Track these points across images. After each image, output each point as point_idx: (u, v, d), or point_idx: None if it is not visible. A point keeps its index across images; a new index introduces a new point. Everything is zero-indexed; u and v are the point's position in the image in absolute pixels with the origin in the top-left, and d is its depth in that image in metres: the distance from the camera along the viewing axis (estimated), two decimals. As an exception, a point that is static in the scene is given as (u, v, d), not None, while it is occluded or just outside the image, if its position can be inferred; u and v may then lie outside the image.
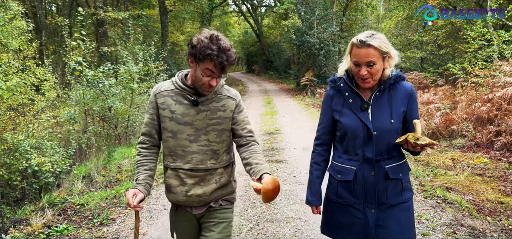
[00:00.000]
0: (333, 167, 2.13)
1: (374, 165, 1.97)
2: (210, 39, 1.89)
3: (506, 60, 9.80)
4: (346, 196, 2.04)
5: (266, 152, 7.31)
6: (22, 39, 5.11)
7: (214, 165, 2.09)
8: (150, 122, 2.12)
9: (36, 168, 4.78)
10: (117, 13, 12.44)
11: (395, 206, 2.00)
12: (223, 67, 1.90)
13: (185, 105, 2.03)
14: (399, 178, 2.00)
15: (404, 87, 2.02)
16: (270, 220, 4.05)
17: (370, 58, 1.88)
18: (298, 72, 22.95)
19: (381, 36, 1.93)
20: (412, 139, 1.82)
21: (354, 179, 2.00)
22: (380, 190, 1.98)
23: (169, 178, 2.10)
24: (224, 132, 2.10)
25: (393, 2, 22.64)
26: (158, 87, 2.12)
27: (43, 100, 5.88)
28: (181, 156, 2.05)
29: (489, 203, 4.75)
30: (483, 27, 12.05)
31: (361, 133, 1.97)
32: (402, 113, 2.00)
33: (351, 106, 2.01)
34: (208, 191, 2.08)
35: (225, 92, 2.12)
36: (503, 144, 7.25)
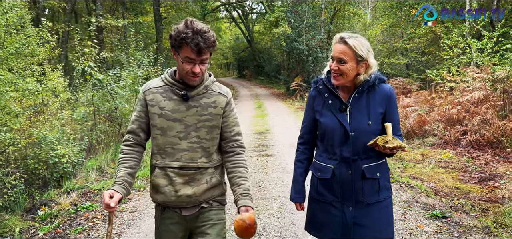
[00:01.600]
0: (314, 165, 2.20)
1: (351, 164, 2.02)
2: (185, 24, 1.86)
3: (477, 67, 10.74)
4: (325, 194, 2.11)
5: (257, 148, 8.12)
6: (46, 47, 5.84)
7: (205, 164, 2.04)
8: (136, 119, 2.07)
9: (56, 159, 5.50)
10: (116, 21, 13.15)
11: (372, 204, 2.05)
12: (200, 50, 1.84)
13: (174, 100, 1.99)
14: (376, 178, 2.05)
15: (383, 89, 2.06)
16: (261, 198, 4.89)
17: (342, 55, 1.95)
18: (288, 77, 23.78)
19: (363, 40, 1.99)
20: (381, 142, 1.89)
21: (332, 178, 2.07)
22: (357, 188, 2.03)
23: (157, 177, 2.02)
24: (215, 129, 2.06)
25: (379, 11, 23.67)
26: (147, 84, 2.08)
27: (57, 101, 6.60)
28: (170, 154, 2.00)
29: (446, 188, 5.58)
30: (460, 36, 13.00)
31: (339, 133, 2.02)
32: (381, 115, 2.05)
33: (330, 107, 2.07)
34: (198, 191, 2.03)
35: (216, 88, 2.09)
36: (468, 142, 8.14)
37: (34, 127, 5.78)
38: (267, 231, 3.91)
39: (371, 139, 1.96)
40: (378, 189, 2.05)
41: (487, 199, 5.09)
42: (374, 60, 2.01)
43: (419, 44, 19.98)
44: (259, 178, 5.84)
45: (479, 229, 3.96)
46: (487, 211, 4.57)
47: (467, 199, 5.05)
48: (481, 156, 7.44)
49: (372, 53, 2.01)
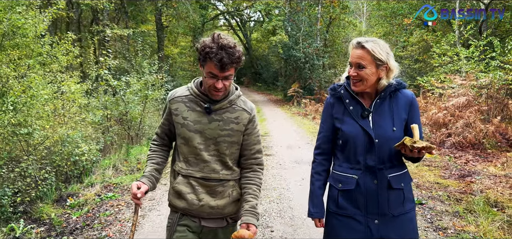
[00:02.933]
0: (333, 176, 2.09)
1: (377, 173, 1.94)
2: (212, 38, 1.85)
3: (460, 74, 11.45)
4: (347, 207, 1.99)
5: (257, 149, 8.78)
6: (70, 56, 6.50)
7: (227, 176, 2.05)
8: (162, 125, 2.14)
9: (77, 157, 6.12)
10: (121, 30, 13.82)
11: (398, 217, 1.96)
12: (222, 66, 1.82)
13: (197, 112, 2.00)
14: (401, 188, 1.97)
15: (405, 94, 2.01)
16: (263, 189, 5.54)
17: (360, 60, 1.89)
18: (285, 84, 24.43)
19: (381, 43, 1.93)
20: (408, 142, 1.80)
21: (356, 188, 1.96)
22: (382, 200, 1.93)
23: (180, 184, 2.03)
24: (234, 144, 2.05)
25: (374, 19, 24.47)
26: (173, 93, 2.10)
27: (75, 105, 7.23)
28: (193, 164, 2.01)
29: (428, 183, 6.24)
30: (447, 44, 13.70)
31: (362, 141, 1.95)
32: (404, 121, 1.98)
33: (352, 114, 1.99)
34: (221, 204, 2.04)
35: (240, 104, 2.07)
36: (452, 143, 8.82)
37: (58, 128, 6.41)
38: (268, 213, 4.61)
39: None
40: (403, 200, 1.97)
41: (462, 191, 5.75)
42: (395, 62, 1.95)
43: (412, 52, 20.73)
44: (260, 174, 6.47)
45: (450, 214, 4.63)
46: (460, 201, 5.22)
47: (445, 191, 5.71)
48: (463, 156, 8.12)
49: (392, 55, 1.95)
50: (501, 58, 10.27)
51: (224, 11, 35.74)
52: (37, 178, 5.02)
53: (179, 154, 2.06)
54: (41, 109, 5.22)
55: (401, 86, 2.00)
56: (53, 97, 6.18)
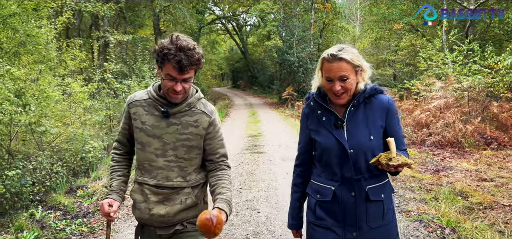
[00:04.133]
0: (312, 186, 2.04)
1: (354, 185, 1.87)
2: (171, 40, 1.81)
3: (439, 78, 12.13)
4: (325, 218, 1.94)
5: (250, 147, 9.43)
6: (77, 60, 7.11)
7: (181, 184, 1.99)
8: (122, 130, 2.09)
9: (84, 154, 6.70)
10: (121, 36, 14.41)
11: (376, 229, 1.89)
12: (181, 67, 1.77)
13: (155, 116, 1.95)
14: (381, 199, 1.90)
15: (380, 100, 1.93)
16: (253, 181, 6.23)
17: (342, 73, 1.81)
18: (280, 87, 24.98)
19: (352, 49, 1.88)
20: (384, 160, 1.72)
21: (333, 200, 1.91)
22: (360, 212, 1.87)
23: (135, 192, 2.02)
24: (194, 149, 2.00)
25: (367, 24, 25.17)
26: (132, 96, 2.04)
27: (80, 107, 7.81)
28: (148, 171, 1.97)
29: (404, 176, 6.85)
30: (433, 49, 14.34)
31: (337, 152, 1.88)
32: (381, 128, 1.91)
33: (325, 124, 1.93)
34: (171, 212, 1.98)
35: (200, 107, 2.02)
36: (432, 142, 9.45)
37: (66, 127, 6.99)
38: (256, 199, 5.25)
39: (373, 155, 1.84)
40: (383, 212, 1.90)
41: (434, 183, 6.37)
42: (366, 62, 1.92)
43: (402, 56, 21.41)
44: (251, 168, 7.14)
45: (416, 200, 5.25)
46: (430, 191, 5.84)
47: (418, 183, 6.33)
48: (441, 153, 8.76)
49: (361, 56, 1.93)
50: (482, 62, 10.92)
51: (220, 16, 36.34)
52: (50, 171, 5.61)
53: (136, 161, 2.04)
54: (54, 109, 5.79)
55: (376, 92, 1.93)
56: (61, 99, 6.77)
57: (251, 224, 4.45)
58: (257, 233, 4.17)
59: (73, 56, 7.03)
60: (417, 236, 4.04)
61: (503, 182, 6.27)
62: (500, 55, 10.22)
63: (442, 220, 4.42)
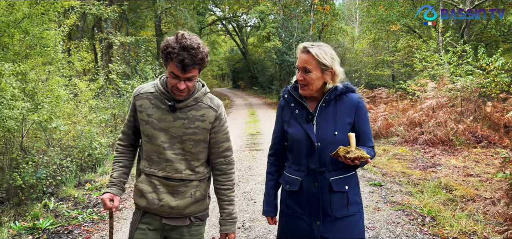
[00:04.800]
0: (284, 177, 2.16)
1: (318, 176, 1.98)
2: (176, 38, 1.81)
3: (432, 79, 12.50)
4: (294, 207, 2.06)
5: (249, 145, 9.83)
6: (84, 62, 7.50)
7: (190, 176, 2.03)
8: (128, 122, 2.11)
9: (91, 151, 7.08)
10: (124, 37, 14.80)
11: (341, 219, 2.00)
12: (184, 66, 1.79)
13: (162, 110, 1.97)
14: (345, 191, 2.00)
15: (351, 98, 2.03)
16: (251, 175, 6.64)
17: (305, 65, 1.93)
18: (280, 87, 25.35)
19: (326, 49, 1.97)
20: (342, 152, 1.84)
21: (300, 190, 2.03)
22: (324, 202, 1.98)
23: (142, 183, 2.03)
24: (201, 143, 2.03)
25: (365, 25, 25.55)
26: (139, 88, 2.06)
27: (87, 105, 8.19)
28: (156, 162, 2.00)
29: (394, 172, 7.22)
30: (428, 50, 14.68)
31: (305, 144, 1.99)
32: (349, 125, 2.00)
33: (297, 117, 2.04)
34: (181, 205, 2.02)
35: (207, 101, 2.05)
36: (424, 140, 9.82)
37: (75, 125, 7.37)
38: (253, 190, 5.67)
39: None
40: (347, 203, 2.01)
41: (422, 178, 6.74)
42: (340, 67, 2.00)
43: (400, 57, 21.75)
44: (249, 164, 7.55)
45: (403, 193, 5.62)
46: (417, 185, 6.21)
47: (407, 178, 6.70)
48: (432, 151, 9.12)
49: (338, 61, 2.01)
50: (474, 63, 11.27)
51: (221, 17, 36.70)
52: (60, 166, 5.98)
53: (143, 152, 2.05)
54: (64, 107, 6.17)
55: (348, 90, 2.04)
56: (69, 98, 7.15)
57: (248, 212, 4.85)
58: (253, 220, 4.57)
59: (80, 58, 7.41)
60: (398, 222, 4.42)
61: (487, 177, 6.62)
62: (495, 55, 10.56)
63: (424, 209, 4.79)
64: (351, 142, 1.85)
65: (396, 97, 16.55)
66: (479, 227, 4.17)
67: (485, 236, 4.02)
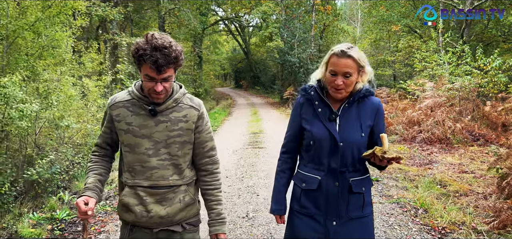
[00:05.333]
0: (298, 175, 2.14)
1: (338, 176, 1.98)
2: (146, 39, 1.75)
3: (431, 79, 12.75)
4: (309, 206, 2.05)
5: (252, 143, 10.13)
6: (95, 63, 7.82)
7: (177, 182, 1.97)
8: (103, 134, 2.02)
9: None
10: (129, 38, 15.11)
11: (355, 220, 2.02)
12: (158, 67, 1.73)
13: (142, 115, 1.90)
14: (362, 192, 2.02)
15: (372, 101, 2.06)
16: (254, 170, 6.94)
17: (347, 69, 1.91)
18: (282, 87, 25.49)
19: (358, 49, 1.99)
20: (379, 153, 1.84)
21: (318, 189, 2.01)
22: (342, 202, 1.99)
23: (126, 196, 1.94)
24: (186, 144, 1.98)
25: (366, 25, 25.82)
26: (113, 98, 1.98)
27: (95, 105, 8.50)
28: (139, 172, 1.91)
29: (392, 169, 7.47)
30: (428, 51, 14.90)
31: (328, 143, 1.98)
32: (369, 127, 2.03)
33: (320, 116, 2.02)
34: (172, 212, 1.96)
35: (187, 101, 2.00)
36: (422, 139, 10.08)
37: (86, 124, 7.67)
38: (256, 185, 5.98)
39: (359, 151, 1.97)
40: (363, 204, 2.03)
41: (418, 175, 7.01)
42: (370, 67, 2.03)
43: (400, 57, 22.00)
44: (252, 161, 7.85)
45: (398, 187, 5.90)
46: (413, 181, 6.48)
47: (403, 174, 6.98)
48: (430, 149, 9.39)
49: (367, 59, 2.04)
50: (473, 63, 11.52)
51: (223, 18, 36.98)
52: (72, 162, 6.29)
53: (124, 164, 1.97)
54: (76, 106, 6.48)
55: (369, 93, 2.05)
56: (79, 97, 7.46)
57: (251, 204, 5.17)
58: (256, 211, 4.89)
59: (91, 59, 7.72)
60: (392, 213, 4.70)
61: (481, 174, 6.88)
62: (493, 56, 10.79)
63: (417, 202, 5.07)
64: (383, 143, 1.87)
65: (397, 96, 16.79)
66: (468, 218, 4.44)
67: (474, 226, 4.30)
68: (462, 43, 13.55)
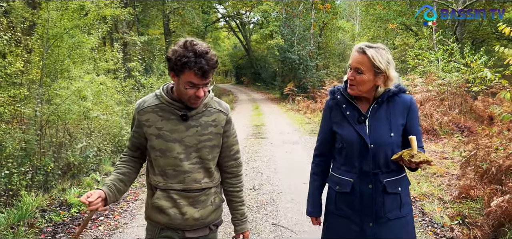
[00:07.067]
0: (332, 178, 2.14)
1: (371, 178, 1.96)
2: (184, 46, 1.77)
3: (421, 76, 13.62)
4: (344, 208, 2.05)
5: (254, 134, 11.13)
6: (114, 61, 8.74)
7: (208, 184, 2.01)
8: (133, 137, 2.04)
9: (121, 137, 8.27)
10: (138, 37, 16.02)
11: (393, 220, 1.99)
12: (204, 73, 1.76)
13: (172, 120, 1.91)
14: (398, 192, 1.99)
15: (403, 99, 2.02)
16: (257, 156, 7.91)
17: (359, 65, 1.90)
18: (282, 83, 26.03)
19: (383, 52, 1.93)
20: (406, 156, 1.81)
21: (352, 192, 2.00)
22: (377, 204, 1.97)
23: (160, 199, 1.95)
24: (215, 148, 2.02)
25: (365, 23, 26.62)
26: (140, 102, 1.99)
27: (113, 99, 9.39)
28: (172, 176, 1.94)
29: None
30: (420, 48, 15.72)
31: (358, 146, 1.97)
32: (401, 126, 1.99)
33: (349, 118, 2.01)
34: (204, 214, 2.01)
35: (215, 106, 2.02)
36: (411, 131, 10.96)
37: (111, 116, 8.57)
38: (260, 167, 6.97)
39: (392, 151, 1.93)
40: (400, 204, 2.00)
41: (403, 160, 7.89)
42: (395, 72, 1.97)
43: (395, 54, 22.82)
44: (256, 148, 8.82)
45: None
46: (397, 165, 7.38)
47: (390, 160, 7.87)
48: (417, 139, 10.27)
49: (393, 65, 1.96)
50: (462, 60, 12.35)
51: (224, 15, 37.66)
52: (99, 149, 7.21)
53: (154, 167, 1.98)
54: (101, 100, 7.40)
55: (400, 91, 2.01)
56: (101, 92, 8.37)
57: (256, 179, 6.19)
58: (260, 185, 5.90)
59: (112, 57, 8.65)
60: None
61: (459, 159, 7.78)
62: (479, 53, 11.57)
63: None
64: (412, 146, 1.84)
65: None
66: (436, 191, 5.36)
67: (440, 197, 5.21)
68: (453, 41, 14.34)
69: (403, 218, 2.02)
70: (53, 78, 6.65)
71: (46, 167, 5.43)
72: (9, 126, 5.49)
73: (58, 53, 6.47)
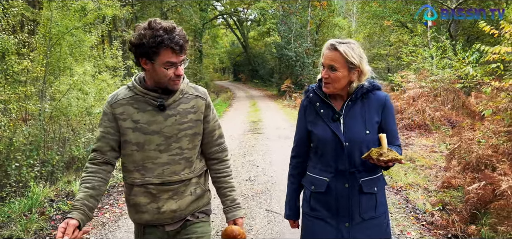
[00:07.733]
0: (307, 178, 2.09)
1: (348, 177, 1.92)
2: (150, 27, 1.67)
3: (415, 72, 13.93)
4: (319, 209, 2.00)
5: (251, 130, 11.42)
6: (115, 59, 9.01)
7: (189, 175, 1.92)
8: (103, 136, 1.86)
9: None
10: (136, 34, 16.28)
11: (368, 221, 1.96)
12: (181, 47, 1.71)
13: (149, 112, 1.82)
14: (374, 192, 1.96)
15: (378, 96, 1.98)
16: (254, 150, 8.19)
17: (332, 62, 1.87)
18: (279, 80, 26.42)
19: (355, 46, 1.90)
20: (375, 155, 1.79)
21: (327, 191, 1.96)
22: (353, 203, 1.93)
23: (137, 196, 1.87)
24: (197, 136, 1.94)
25: (361, 20, 26.88)
26: (113, 95, 1.88)
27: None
28: (150, 170, 1.84)
29: (373, 150, 8.69)
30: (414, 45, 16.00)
31: (333, 144, 1.92)
32: (377, 124, 1.96)
33: (323, 117, 1.97)
34: (183, 205, 1.92)
35: (192, 91, 1.94)
36: (403, 125, 11.30)
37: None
38: (256, 160, 7.27)
39: (368, 149, 1.87)
40: (375, 205, 1.97)
41: (394, 154, 8.20)
42: (368, 66, 1.94)
43: (391, 50, 23.14)
44: (252, 143, 9.12)
45: (374, 162, 7.13)
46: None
47: (381, 154, 8.18)
48: (409, 134, 10.61)
49: (366, 59, 1.94)
50: (454, 57, 12.65)
51: (222, 12, 37.83)
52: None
53: (129, 164, 1.88)
54: (104, 97, 7.67)
55: (374, 88, 1.98)
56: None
57: (252, 171, 6.50)
58: (256, 176, 6.22)
59: (113, 55, 8.91)
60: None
61: (447, 153, 8.10)
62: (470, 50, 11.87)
63: (384, 172, 6.29)
64: (382, 144, 1.82)
65: (389, 89, 17.81)
66: (421, 181, 5.67)
67: (425, 186, 5.52)
68: (447, 38, 14.62)
69: (377, 219, 2.00)
70: (56, 75, 6.93)
71: (52, 160, 5.72)
72: (15, 122, 5.78)
73: (60, 51, 6.73)
